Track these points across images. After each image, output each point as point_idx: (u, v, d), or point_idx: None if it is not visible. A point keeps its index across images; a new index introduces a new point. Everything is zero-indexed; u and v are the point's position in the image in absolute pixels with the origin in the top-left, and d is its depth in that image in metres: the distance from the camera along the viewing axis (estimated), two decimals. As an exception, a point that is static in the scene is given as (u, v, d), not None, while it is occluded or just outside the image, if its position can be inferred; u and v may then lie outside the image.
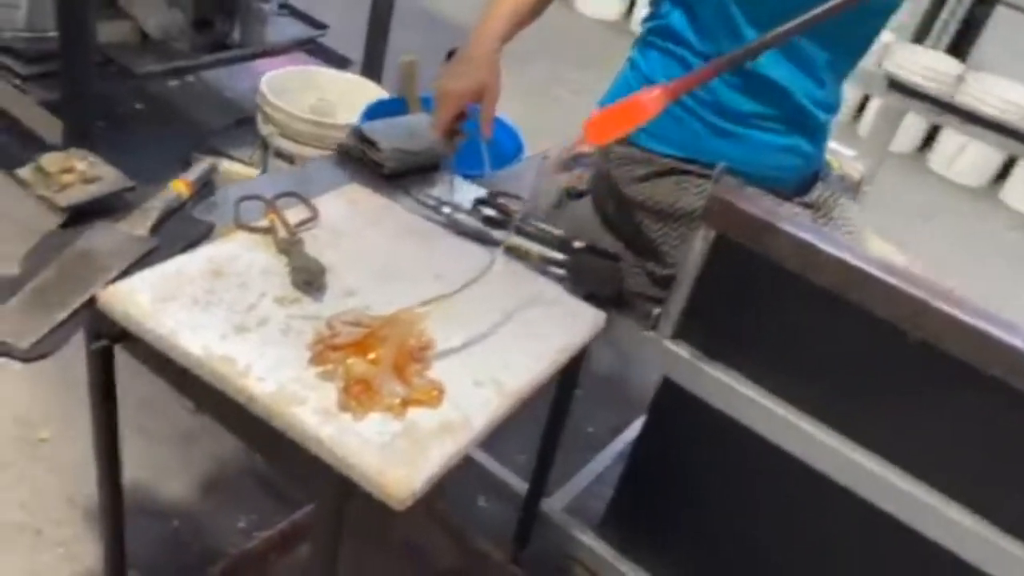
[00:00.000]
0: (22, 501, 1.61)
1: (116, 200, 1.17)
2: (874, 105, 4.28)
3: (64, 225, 1.12)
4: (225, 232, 1.16)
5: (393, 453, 0.89)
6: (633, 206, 1.39)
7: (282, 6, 2.88)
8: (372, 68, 2.86)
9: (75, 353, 1.06)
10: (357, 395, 0.93)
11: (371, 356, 0.97)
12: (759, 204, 1.17)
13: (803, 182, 1.45)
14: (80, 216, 1.13)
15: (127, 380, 1.10)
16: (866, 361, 1.14)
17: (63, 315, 1.01)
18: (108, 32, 2.47)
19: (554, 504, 1.61)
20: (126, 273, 1.05)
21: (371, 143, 1.42)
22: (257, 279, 1.08)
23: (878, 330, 1.06)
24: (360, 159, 1.44)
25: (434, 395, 0.96)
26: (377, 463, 0.87)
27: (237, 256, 1.12)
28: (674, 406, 1.35)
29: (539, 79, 3.98)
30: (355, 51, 2.94)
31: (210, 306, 1.02)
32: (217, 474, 1.75)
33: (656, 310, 1.30)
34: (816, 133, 1.38)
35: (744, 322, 1.24)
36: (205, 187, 1.25)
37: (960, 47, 4.71)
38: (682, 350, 1.28)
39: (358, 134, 1.44)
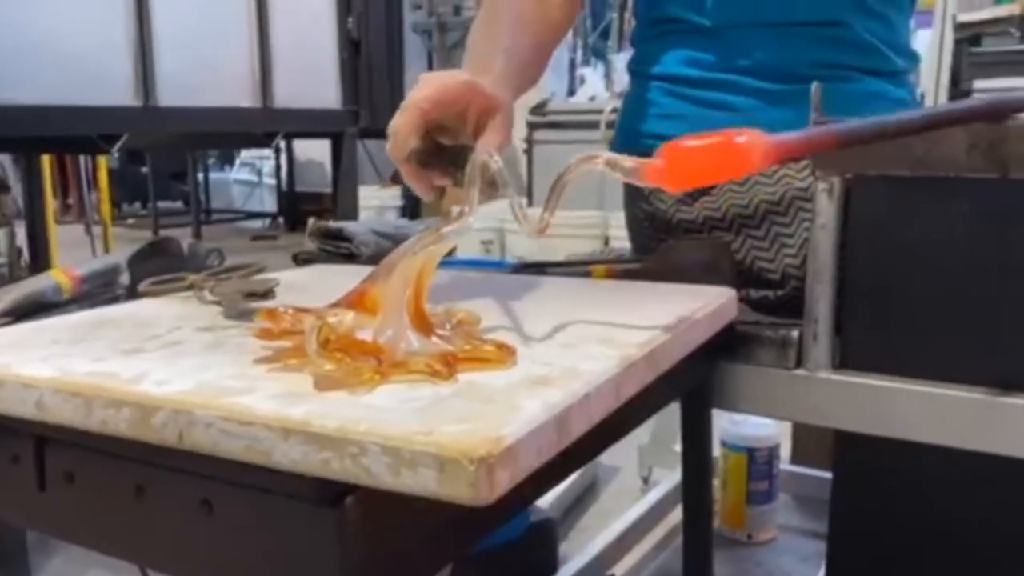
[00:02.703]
0: None
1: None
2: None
3: None
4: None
5: (445, 411, 0.42)
6: (695, 231, 1.00)
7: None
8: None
9: None
10: (350, 351, 0.47)
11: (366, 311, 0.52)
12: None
13: None
14: None
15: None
16: None
17: None
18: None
19: None
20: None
21: (337, 234, 1.05)
22: (167, 320, 0.65)
23: None
24: (326, 262, 1.05)
25: (500, 351, 0.50)
26: (415, 422, 0.40)
27: (134, 312, 0.69)
28: (873, 487, 0.85)
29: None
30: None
31: (81, 343, 0.58)
32: None
33: (793, 333, 0.86)
34: (899, 79, 1.05)
35: (938, 301, 0.80)
36: (107, 288, 0.85)
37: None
38: (866, 379, 0.81)
39: (320, 230, 1.07)
